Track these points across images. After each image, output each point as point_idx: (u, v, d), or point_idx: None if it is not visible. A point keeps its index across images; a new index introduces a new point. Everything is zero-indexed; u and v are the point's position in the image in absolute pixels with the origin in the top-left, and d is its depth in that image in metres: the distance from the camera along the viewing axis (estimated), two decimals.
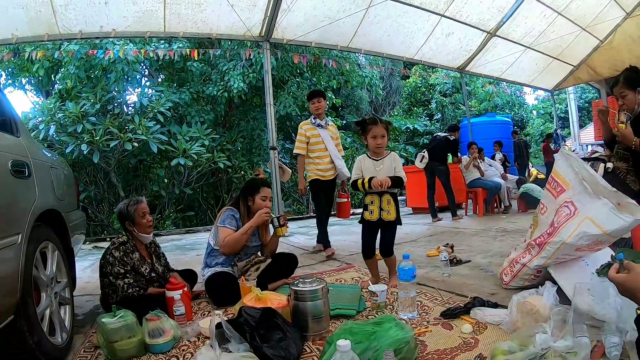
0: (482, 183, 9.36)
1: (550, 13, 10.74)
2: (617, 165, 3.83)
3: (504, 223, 7.92)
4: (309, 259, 5.57)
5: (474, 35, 10.71)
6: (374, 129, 3.59)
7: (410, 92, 24.29)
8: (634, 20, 11.93)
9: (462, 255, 5.06)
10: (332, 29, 8.53)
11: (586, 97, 27.97)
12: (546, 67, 13.35)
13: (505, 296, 3.15)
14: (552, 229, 3.12)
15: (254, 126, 14.14)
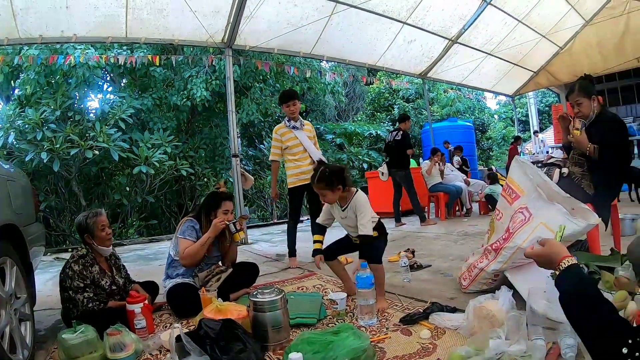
0: (443, 187, 9.47)
1: (511, 21, 10.98)
2: (573, 170, 3.92)
3: (466, 226, 8.03)
4: (271, 267, 5.54)
5: (436, 43, 10.85)
6: (315, 187, 3.43)
7: (373, 98, 24.54)
8: (592, 28, 12.44)
9: (423, 259, 5.09)
10: (295, 36, 8.51)
11: (547, 101, 28.52)
12: (507, 73, 13.63)
13: (464, 300, 3.16)
14: (508, 234, 3.18)
15: (217, 133, 14.05)
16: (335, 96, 18.26)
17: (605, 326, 1.25)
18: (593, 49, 12.85)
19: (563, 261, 1.62)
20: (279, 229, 10.32)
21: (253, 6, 7.46)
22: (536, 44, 12.43)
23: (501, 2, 10.19)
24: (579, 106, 3.86)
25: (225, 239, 3.97)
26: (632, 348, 1.08)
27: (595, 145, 3.64)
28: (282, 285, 4.40)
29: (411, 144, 8.89)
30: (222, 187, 4.20)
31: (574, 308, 1.42)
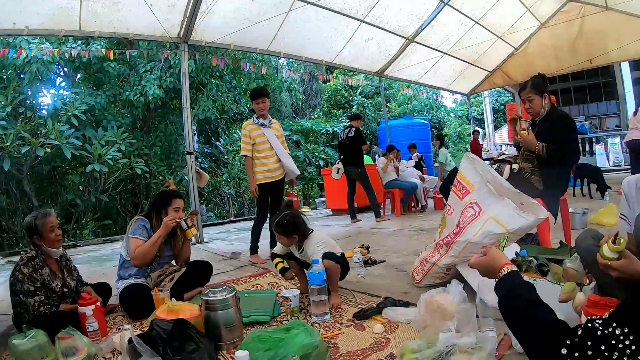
0: (398, 184, 9.57)
1: (468, 21, 11.17)
2: (523, 167, 4.00)
3: (420, 222, 8.13)
4: (226, 266, 5.47)
5: (393, 41, 10.91)
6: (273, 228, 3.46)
7: (330, 95, 24.64)
8: (547, 30, 12.90)
9: (377, 255, 5.13)
10: (252, 32, 8.41)
11: (502, 99, 29.03)
12: (463, 72, 13.87)
13: (417, 294, 3.16)
14: (459, 229, 3.22)
15: (172, 130, 13.80)
16: (292, 93, 18.25)
17: (543, 329, 1.26)
18: (547, 51, 13.30)
19: (503, 268, 1.65)
20: (235, 227, 10.26)
21: (210, 1, 7.36)
22: (492, 44, 12.71)
23: (458, 3, 10.35)
24: (530, 102, 3.95)
25: (178, 237, 3.91)
26: (571, 349, 1.09)
27: (543, 144, 3.73)
28: (236, 283, 4.37)
29: (364, 139, 8.92)
30: (171, 186, 4.12)
31: (511, 313, 1.44)
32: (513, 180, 3.79)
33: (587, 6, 12.03)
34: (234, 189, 15.31)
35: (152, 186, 13.38)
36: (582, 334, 1.10)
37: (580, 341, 1.09)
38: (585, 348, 1.07)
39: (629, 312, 1.08)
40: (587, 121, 20.12)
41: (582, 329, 1.12)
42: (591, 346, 1.06)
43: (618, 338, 1.02)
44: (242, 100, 15.10)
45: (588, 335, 1.09)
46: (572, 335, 1.12)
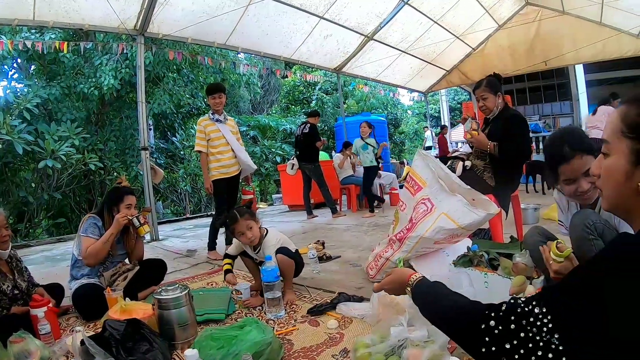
0: (355, 180, 9.59)
1: (427, 21, 11.25)
2: (475, 163, 4.09)
3: (377, 217, 8.20)
4: (182, 263, 5.40)
5: (352, 38, 10.90)
6: (237, 226, 3.36)
7: (288, 91, 24.46)
8: (505, 31, 13.16)
9: (333, 251, 5.16)
10: (211, 26, 8.29)
11: (459, 98, 29.41)
12: (420, 71, 13.98)
13: (372, 289, 3.23)
14: (411, 224, 3.26)
15: (127, 125, 13.49)
16: (250, 88, 18.13)
17: (464, 311, 1.28)
18: (504, 52, 13.56)
19: (411, 278, 1.68)
20: (191, 224, 10.13)
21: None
22: (450, 44, 12.86)
23: (418, 3, 10.41)
24: (484, 100, 4.04)
25: (131, 235, 3.82)
26: (495, 322, 1.11)
27: (494, 143, 3.81)
28: (191, 281, 4.33)
29: (319, 136, 8.92)
30: (123, 182, 4.02)
31: (433, 312, 1.45)
32: (466, 177, 3.87)
33: (544, 10, 12.39)
34: (190, 186, 15.11)
35: (106, 182, 13.00)
36: (505, 309, 1.12)
37: (503, 315, 1.11)
38: (509, 322, 1.08)
39: (548, 292, 1.10)
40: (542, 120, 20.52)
41: (506, 305, 1.13)
42: (514, 320, 1.08)
43: (537, 316, 1.05)
44: (199, 95, 14.85)
45: (510, 311, 1.11)
46: (496, 310, 1.14)
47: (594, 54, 12.32)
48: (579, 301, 1.01)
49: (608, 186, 1.23)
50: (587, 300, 0.99)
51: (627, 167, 1.13)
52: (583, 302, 1.00)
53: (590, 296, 0.99)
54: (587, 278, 1.05)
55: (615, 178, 1.18)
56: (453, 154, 4.52)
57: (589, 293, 1.00)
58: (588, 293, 1.00)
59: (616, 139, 1.17)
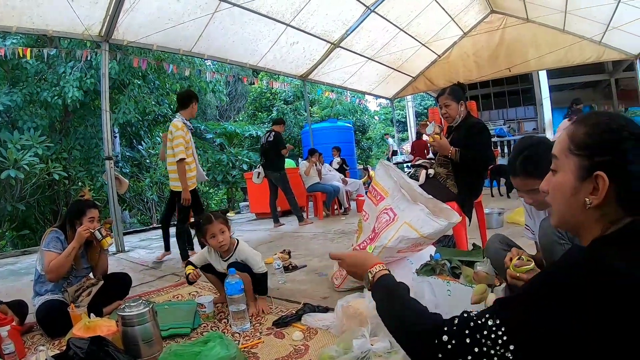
0: (321, 187, 9.66)
1: (393, 29, 11.38)
2: (438, 171, 4.13)
3: (343, 225, 8.22)
4: (147, 276, 5.29)
5: (318, 45, 10.94)
6: (210, 227, 3.33)
7: (255, 98, 24.41)
8: (470, 39, 13.54)
9: (299, 260, 5.15)
10: (176, 32, 8.23)
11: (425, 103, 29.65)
12: (386, 77, 14.12)
13: (337, 299, 3.20)
14: (374, 234, 3.27)
15: (92, 133, 13.23)
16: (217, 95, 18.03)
17: (420, 319, 1.28)
18: (469, 58, 13.88)
19: (375, 267, 1.61)
20: (157, 234, 9.69)
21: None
22: (416, 51, 13.04)
23: (384, 11, 10.52)
24: (446, 107, 4.10)
25: (94, 248, 3.74)
26: (448, 337, 1.12)
27: (456, 149, 3.85)
28: (157, 294, 4.26)
29: (284, 144, 8.89)
30: (86, 195, 3.95)
31: (390, 312, 1.43)
32: (429, 185, 3.93)
33: (508, 18, 12.81)
34: (157, 194, 14.93)
35: (71, 193, 12.79)
36: (458, 322, 1.14)
37: (457, 329, 1.12)
38: (463, 336, 1.10)
39: (501, 304, 1.13)
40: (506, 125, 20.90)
41: (458, 319, 1.15)
42: (468, 334, 1.09)
43: (491, 328, 1.06)
44: (165, 102, 14.74)
45: (464, 324, 1.12)
46: (449, 324, 1.15)
47: (556, 60, 12.68)
48: (534, 311, 1.03)
49: (557, 202, 1.28)
50: (541, 310, 1.02)
51: (574, 183, 1.19)
52: (537, 312, 1.03)
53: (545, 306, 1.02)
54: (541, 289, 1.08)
55: (563, 193, 1.24)
56: (416, 162, 4.56)
57: (543, 304, 1.03)
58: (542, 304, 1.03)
59: (564, 156, 1.23)
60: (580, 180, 1.18)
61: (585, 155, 1.18)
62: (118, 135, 14.94)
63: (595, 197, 1.15)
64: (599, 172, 1.13)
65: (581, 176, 1.18)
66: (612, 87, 19.67)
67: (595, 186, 1.15)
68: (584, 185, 1.17)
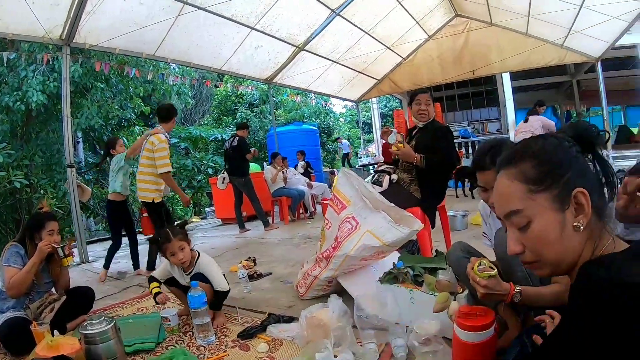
0: (286, 191, 9.65)
1: (358, 32, 11.40)
2: (402, 177, 4.16)
3: (308, 229, 8.24)
4: (112, 287, 5.18)
5: (283, 49, 10.90)
6: (169, 246, 3.27)
7: (220, 101, 24.29)
8: (434, 42, 13.69)
9: (264, 267, 5.13)
10: (139, 36, 8.08)
11: (390, 105, 29.91)
12: (351, 80, 14.13)
13: (303, 308, 3.19)
14: (337, 243, 3.28)
15: (54, 139, 12.90)
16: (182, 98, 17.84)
17: None
18: (434, 61, 14.00)
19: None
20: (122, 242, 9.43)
21: (96, 1, 6.91)
22: (381, 54, 13.10)
23: (349, 14, 10.54)
24: (427, 105, 4.18)
25: (55, 262, 3.62)
26: None
27: (421, 155, 3.88)
28: (122, 307, 4.19)
29: (249, 148, 8.84)
30: (44, 207, 3.84)
31: None
32: (392, 191, 3.96)
33: (473, 21, 13.04)
34: None
35: (33, 201, 12.28)
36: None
37: None
38: None
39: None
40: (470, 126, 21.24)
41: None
42: None
43: None
44: (128, 106, 14.48)
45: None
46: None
47: (519, 62, 12.94)
48: None
49: (546, 251, 1.19)
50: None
51: (558, 216, 1.14)
52: None
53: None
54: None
55: (552, 236, 1.16)
56: (380, 168, 4.58)
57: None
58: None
59: (530, 202, 1.17)
60: (562, 210, 1.14)
61: (551, 184, 1.15)
62: (81, 141, 14.66)
63: (583, 214, 1.12)
64: (575, 190, 1.11)
65: (560, 205, 1.14)
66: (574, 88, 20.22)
67: (575, 206, 1.12)
68: (567, 212, 1.13)
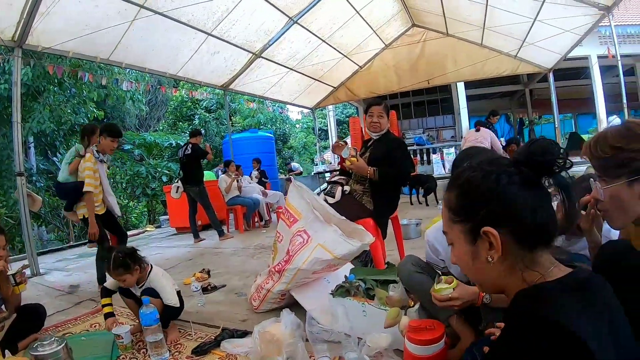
0: (241, 200, 9.59)
1: (315, 40, 11.51)
2: (354, 188, 4.21)
3: (263, 238, 8.17)
4: (64, 302, 4.96)
5: (240, 55, 10.86)
6: (114, 273, 3.23)
7: (175, 107, 24.10)
8: (391, 51, 14.03)
9: (219, 279, 5.09)
10: (94, 39, 7.87)
11: (347, 112, 30.18)
12: (308, 87, 14.21)
13: (257, 321, 3.18)
14: (289, 256, 3.30)
15: (4, 144, 12.55)
16: (136, 104, 17.58)
17: None
18: (390, 70, 14.33)
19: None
20: (75, 253, 9.21)
21: (50, 2, 6.67)
22: (338, 62, 13.24)
23: (307, 22, 10.62)
24: (380, 118, 4.23)
25: (4, 279, 3.53)
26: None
27: (374, 168, 3.93)
28: (74, 323, 4.05)
29: (204, 153, 8.76)
30: None
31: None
32: (345, 202, 4.01)
33: (429, 32, 13.42)
34: None
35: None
36: None
37: None
38: None
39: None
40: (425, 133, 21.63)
41: None
42: None
43: None
44: (82, 110, 14.18)
45: None
46: None
47: (474, 72, 13.40)
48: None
49: (466, 271, 1.29)
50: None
51: (469, 248, 1.20)
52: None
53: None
54: None
55: (466, 263, 1.25)
56: (333, 179, 4.60)
57: None
58: None
59: (450, 228, 1.26)
60: (472, 243, 1.19)
61: (465, 219, 1.20)
62: (32, 146, 14.26)
63: (494, 251, 1.15)
64: (484, 228, 1.14)
65: (471, 239, 1.19)
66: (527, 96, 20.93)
67: (489, 241, 1.15)
68: (479, 245, 1.18)
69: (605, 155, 1.52)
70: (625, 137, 1.49)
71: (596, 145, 1.55)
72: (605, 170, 1.55)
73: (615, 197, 1.53)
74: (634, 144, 1.46)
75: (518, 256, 1.16)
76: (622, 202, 1.52)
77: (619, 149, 1.48)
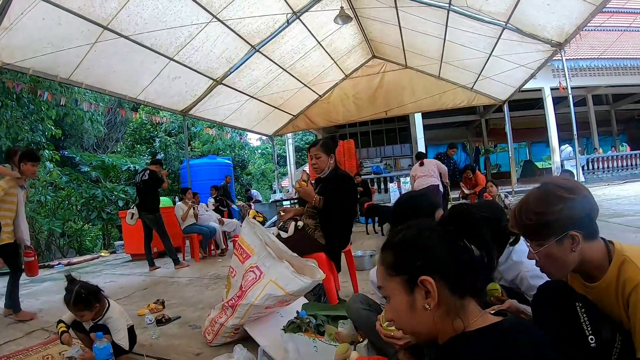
0: (197, 228, 9.51)
1: (276, 68, 11.67)
2: (307, 223, 4.29)
3: (219, 267, 8.10)
4: (16, 331, 4.79)
5: (201, 81, 10.88)
6: (72, 310, 3.25)
7: (135, 129, 23.83)
8: (350, 81, 14.39)
9: (173, 310, 5.05)
10: (55, 58, 7.75)
11: (307, 139, 30.38)
12: (268, 115, 14.31)
13: (211, 355, 3.26)
14: (241, 292, 3.34)
15: None
16: (94, 125, 17.33)
17: None
18: (349, 99, 14.64)
19: None
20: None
21: (14, 17, 6.52)
22: (298, 90, 13.42)
23: (269, 51, 10.78)
24: (317, 159, 4.33)
25: None
26: None
27: (320, 197, 4.04)
28: (26, 354, 3.92)
29: (161, 181, 8.71)
30: None
31: None
32: (297, 236, 4.09)
33: (389, 63, 13.88)
34: None
35: None
36: None
37: None
38: None
39: None
40: (383, 162, 21.93)
41: None
42: None
43: None
44: (39, 128, 13.91)
45: None
46: None
47: (431, 103, 13.84)
48: None
49: (404, 323, 1.39)
50: None
51: (407, 298, 1.32)
52: None
53: None
54: None
55: (404, 313, 1.35)
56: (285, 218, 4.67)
57: None
58: None
59: (387, 282, 1.37)
60: (410, 293, 1.31)
61: (401, 271, 1.32)
62: None
63: (431, 297, 1.27)
64: (421, 277, 1.27)
65: (409, 289, 1.31)
66: (483, 126, 21.57)
67: (426, 290, 1.27)
68: (416, 294, 1.30)
69: (530, 223, 1.69)
70: (545, 201, 1.66)
71: (520, 214, 1.72)
72: (534, 235, 1.72)
73: (549, 256, 1.69)
74: (553, 205, 1.63)
75: (450, 303, 1.28)
76: (557, 258, 1.68)
77: (542, 213, 1.65)
